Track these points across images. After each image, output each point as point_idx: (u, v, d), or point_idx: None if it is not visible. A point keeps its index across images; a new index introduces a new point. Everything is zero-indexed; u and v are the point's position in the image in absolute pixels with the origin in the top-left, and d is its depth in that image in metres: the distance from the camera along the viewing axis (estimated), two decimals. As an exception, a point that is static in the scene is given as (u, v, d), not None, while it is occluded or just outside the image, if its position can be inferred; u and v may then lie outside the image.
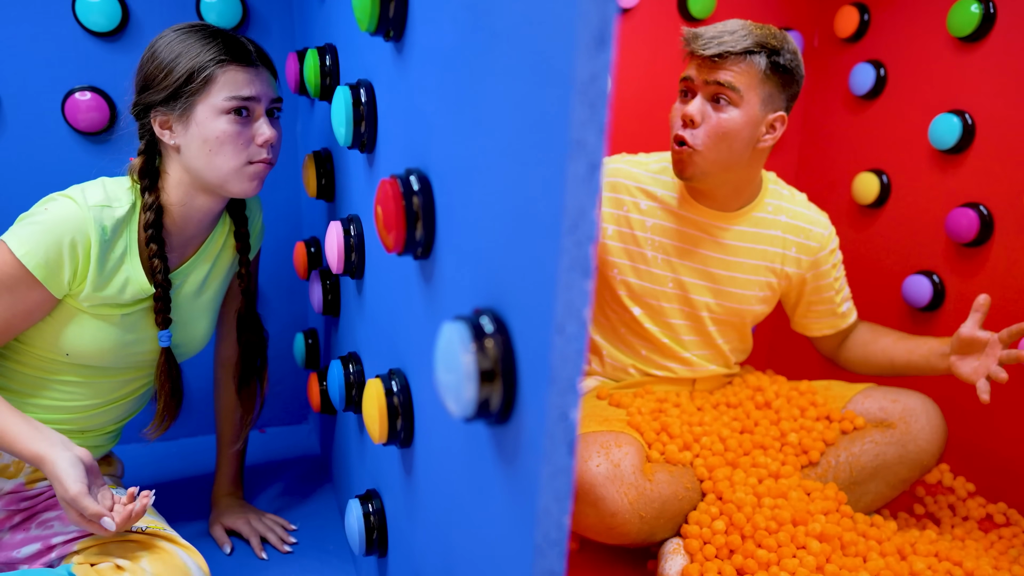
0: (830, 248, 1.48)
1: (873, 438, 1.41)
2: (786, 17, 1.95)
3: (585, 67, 0.47)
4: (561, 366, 0.52)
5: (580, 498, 1.23)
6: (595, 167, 0.49)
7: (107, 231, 1.09)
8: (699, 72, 1.29)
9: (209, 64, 1.08)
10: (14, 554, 1.14)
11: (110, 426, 1.26)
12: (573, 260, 0.50)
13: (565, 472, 0.55)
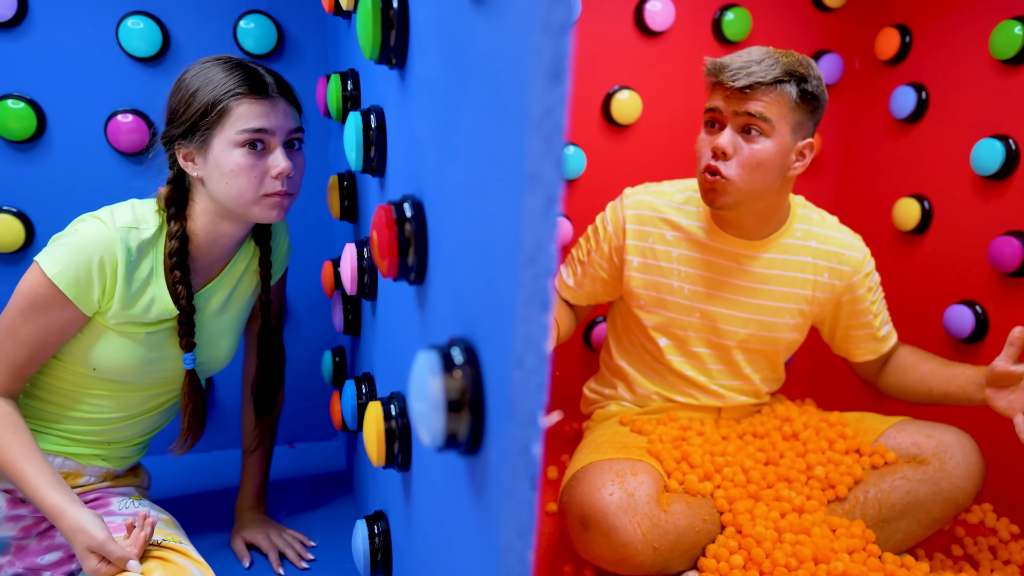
0: (865, 271, 1.44)
1: (904, 474, 1.36)
2: (824, 39, 1.91)
3: (540, 101, 0.47)
4: (521, 400, 0.52)
5: (592, 527, 1.21)
6: (552, 200, 0.49)
7: (133, 252, 1.13)
8: (727, 103, 1.27)
9: (224, 97, 1.11)
10: (38, 560, 1.18)
11: (137, 438, 1.30)
12: (531, 294, 0.50)
13: (527, 507, 0.54)
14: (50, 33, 1.51)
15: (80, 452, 1.23)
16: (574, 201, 1.85)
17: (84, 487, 1.25)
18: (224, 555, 1.39)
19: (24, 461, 1.09)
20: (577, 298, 1.54)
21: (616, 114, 1.81)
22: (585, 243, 1.52)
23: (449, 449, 0.60)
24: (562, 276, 1.55)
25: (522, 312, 0.50)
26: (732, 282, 1.42)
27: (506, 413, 0.52)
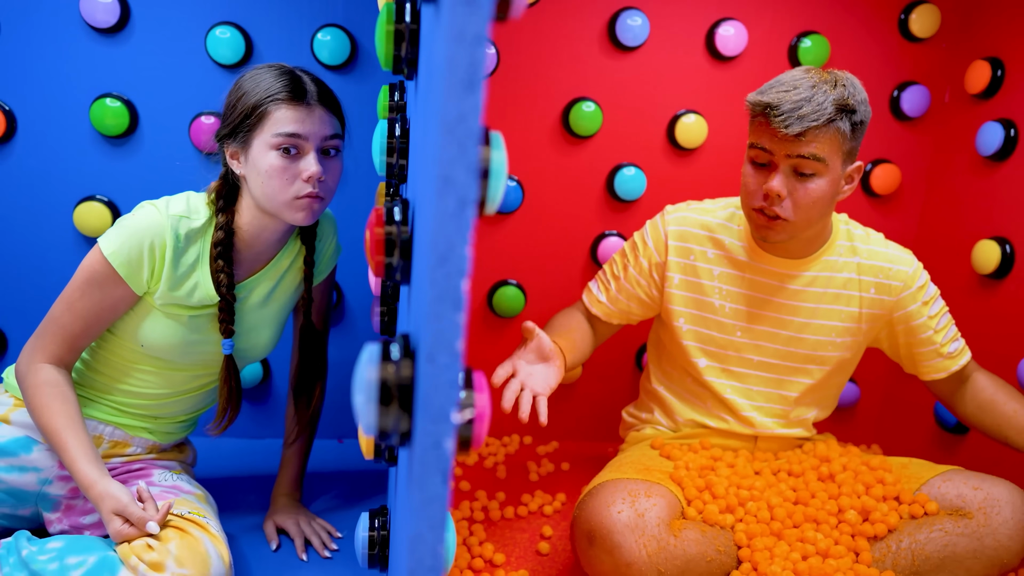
0: (917, 285, 1.39)
1: (944, 526, 1.27)
2: (911, 70, 1.83)
3: (454, 108, 0.49)
4: (433, 395, 0.54)
5: (597, 543, 1.20)
6: (465, 203, 0.50)
7: (181, 239, 1.22)
8: (779, 146, 1.24)
9: (265, 101, 1.19)
10: (81, 520, 1.28)
11: (181, 416, 1.39)
12: (443, 292, 0.52)
13: (439, 500, 0.56)
14: (146, 39, 1.65)
15: (128, 423, 1.33)
16: (632, 221, 1.84)
17: (131, 456, 1.35)
18: (256, 536, 1.46)
19: (67, 432, 1.19)
20: (609, 315, 1.52)
21: (680, 137, 1.79)
22: (621, 259, 1.51)
23: (385, 440, 0.62)
24: (592, 292, 1.54)
25: (434, 309, 0.52)
26: (774, 300, 1.40)
27: (419, 408, 0.54)
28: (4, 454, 1.25)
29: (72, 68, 1.64)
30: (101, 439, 1.32)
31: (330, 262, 1.47)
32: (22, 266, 1.71)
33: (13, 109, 1.65)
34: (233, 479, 1.66)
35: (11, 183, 1.67)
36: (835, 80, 1.24)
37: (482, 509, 1.60)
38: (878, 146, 1.86)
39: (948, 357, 1.43)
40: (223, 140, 1.24)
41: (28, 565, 1.12)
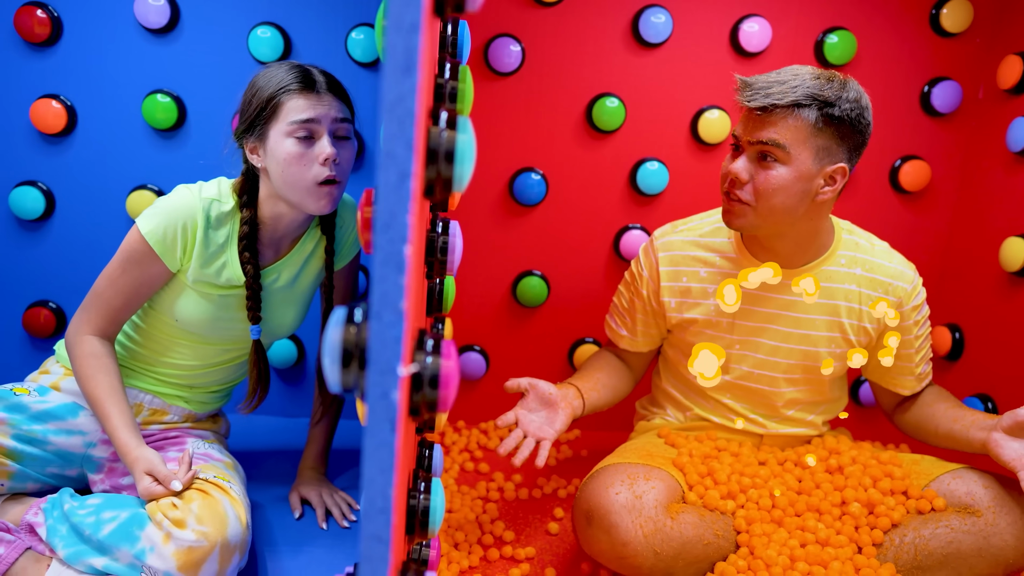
0: (913, 304, 1.38)
1: (950, 523, 1.27)
2: (941, 66, 1.81)
3: (393, 90, 0.55)
4: (380, 350, 0.60)
5: (595, 523, 1.24)
6: (404, 176, 0.56)
7: (212, 220, 1.32)
8: (745, 130, 1.26)
9: (278, 93, 1.27)
10: (120, 480, 1.39)
11: (214, 387, 1.49)
12: (387, 256, 0.58)
13: (387, 446, 0.62)
14: (194, 39, 1.76)
15: (166, 392, 1.44)
16: (655, 215, 1.87)
17: (168, 424, 1.45)
18: (282, 505, 1.55)
19: (109, 402, 1.29)
20: (637, 345, 1.54)
21: (703, 133, 1.81)
22: (626, 291, 1.53)
23: (349, 395, 0.68)
24: (613, 328, 1.56)
25: (379, 272, 0.58)
26: (769, 312, 1.40)
27: (368, 362, 0.60)
28: (53, 418, 1.36)
29: (126, 66, 1.76)
30: (141, 407, 1.43)
31: (353, 247, 1.54)
32: (79, 250, 1.84)
33: (74, 104, 1.78)
34: (264, 453, 1.76)
35: (71, 173, 1.81)
36: (829, 76, 1.24)
37: (498, 490, 1.66)
38: (908, 142, 1.85)
39: (918, 377, 1.45)
40: (242, 137, 1.33)
41: (69, 518, 1.23)
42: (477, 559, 1.41)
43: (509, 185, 1.85)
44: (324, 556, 1.40)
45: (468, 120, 0.73)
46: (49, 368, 1.45)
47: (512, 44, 1.77)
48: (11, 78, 1.75)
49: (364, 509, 0.63)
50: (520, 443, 1.28)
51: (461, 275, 1.87)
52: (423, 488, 0.92)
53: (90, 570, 1.19)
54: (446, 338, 0.75)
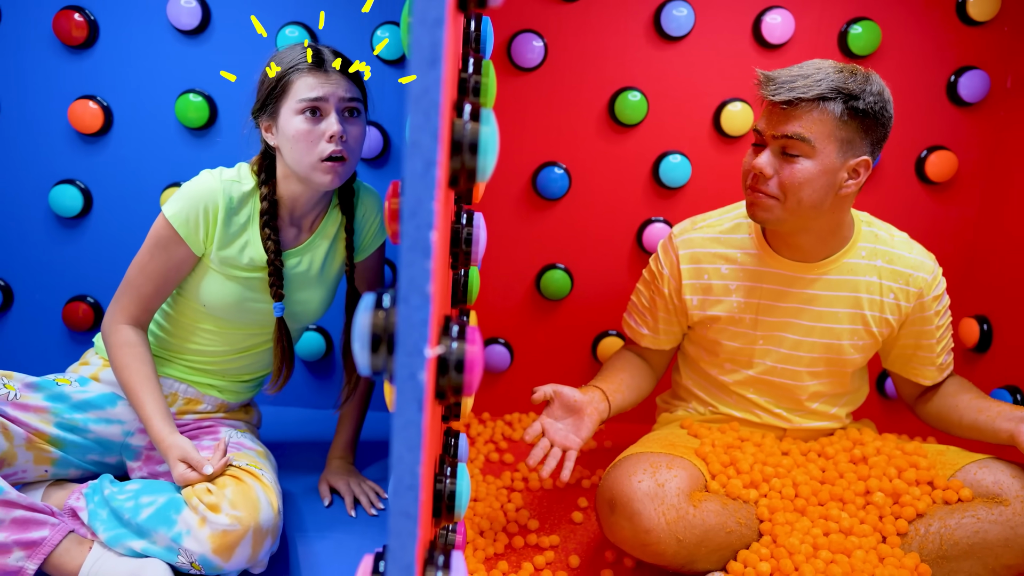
0: (934, 294, 1.38)
1: (976, 513, 1.27)
2: (967, 55, 1.80)
3: (418, 82, 0.57)
4: (407, 332, 0.62)
5: (618, 510, 1.26)
6: (430, 164, 0.59)
7: (233, 200, 1.37)
8: (769, 124, 1.26)
9: (288, 72, 1.32)
10: (157, 468, 1.44)
11: (246, 375, 1.53)
12: (413, 242, 0.60)
13: (414, 425, 0.64)
14: (224, 40, 1.80)
15: (200, 381, 1.48)
16: (678, 209, 1.88)
17: (201, 413, 1.50)
18: (311, 494, 1.58)
19: (143, 391, 1.34)
20: (659, 343, 1.54)
21: (726, 125, 1.82)
22: (646, 289, 1.53)
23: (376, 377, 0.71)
24: (632, 326, 1.56)
25: (406, 257, 0.61)
26: (792, 307, 1.40)
27: (396, 344, 0.63)
28: (93, 407, 1.41)
29: (159, 67, 1.81)
30: (176, 396, 1.48)
31: (377, 238, 1.57)
32: (116, 245, 1.89)
33: (110, 105, 1.83)
34: (294, 444, 1.80)
35: (108, 171, 1.86)
36: (852, 70, 1.24)
37: (522, 480, 1.68)
38: (934, 132, 1.84)
39: (939, 368, 1.45)
40: (257, 116, 1.38)
41: (109, 503, 1.27)
42: (502, 546, 1.43)
43: (532, 179, 1.88)
44: (352, 542, 1.43)
45: (491, 112, 0.75)
46: (89, 359, 1.50)
47: (535, 40, 1.79)
48: (50, 80, 1.81)
49: (393, 486, 0.66)
50: (547, 454, 1.30)
51: (485, 269, 1.89)
52: (449, 473, 0.95)
53: (129, 552, 1.24)
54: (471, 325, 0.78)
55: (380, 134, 1.84)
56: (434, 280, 0.61)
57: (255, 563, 1.25)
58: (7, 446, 1.29)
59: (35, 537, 1.21)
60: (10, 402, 1.32)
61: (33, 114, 1.83)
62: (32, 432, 1.33)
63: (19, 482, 1.34)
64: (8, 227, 1.89)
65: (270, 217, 1.39)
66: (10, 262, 1.91)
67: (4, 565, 1.18)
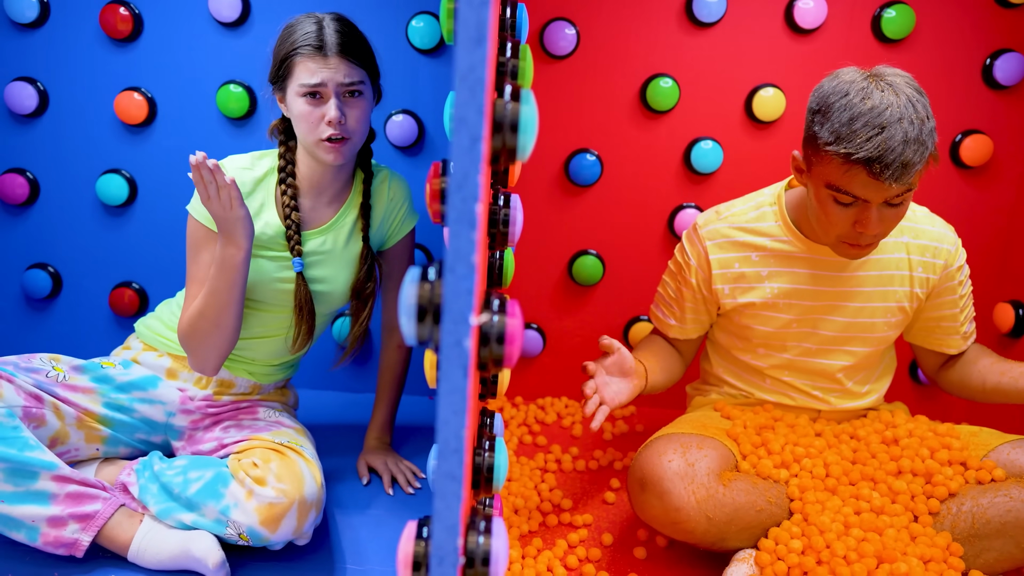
0: (956, 265, 1.40)
1: (1009, 492, 1.27)
2: (1005, 37, 1.78)
3: (465, 59, 0.60)
4: (453, 301, 0.65)
5: (648, 489, 1.28)
6: (476, 139, 0.61)
7: (246, 184, 1.42)
8: (877, 194, 1.21)
9: (291, 55, 1.36)
10: (201, 447, 1.48)
11: (276, 360, 1.55)
12: (460, 214, 0.63)
13: (460, 391, 0.67)
14: (264, 31, 1.85)
15: (231, 366, 1.52)
16: (710, 194, 1.89)
17: (237, 395, 1.54)
18: (349, 474, 1.63)
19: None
20: (687, 333, 1.54)
21: (758, 111, 1.83)
22: (673, 281, 1.53)
23: (423, 347, 0.74)
24: (660, 318, 1.57)
25: (454, 228, 0.64)
26: (827, 290, 1.41)
27: (443, 312, 0.66)
28: (136, 388, 1.46)
29: (201, 59, 1.86)
30: (211, 378, 1.51)
31: (404, 224, 1.59)
32: (160, 233, 1.95)
33: (154, 96, 1.89)
34: (332, 427, 1.84)
35: (152, 160, 1.92)
36: (908, 98, 1.19)
37: (555, 461, 1.71)
38: (969, 116, 1.83)
39: (963, 336, 1.47)
40: (273, 86, 1.42)
41: (159, 478, 1.32)
42: (536, 524, 1.47)
43: (565, 166, 1.90)
44: (390, 519, 1.47)
45: (531, 92, 0.78)
46: (131, 344, 1.55)
47: (567, 27, 1.81)
48: (97, 72, 1.87)
49: (439, 449, 0.69)
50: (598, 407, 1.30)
51: (518, 255, 1.92)
52: (488, 447, 0.98)
53: (179, 525, 1.29)
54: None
55: (415, 122, 1.87)
56: (479, 251, 0.64)
57: (300, 535, 1.29)
58: (59, 425, 1.35)
59: (88, 510, 1.26)
60: (60, 383, 1.37)
61: (81, 106, 1.89)
62: (82, 411, 1.38)
63: (72, 460, 1.40)
64: (57, 216, 1.95)
65: (287, 174, 1.44)
66: (59, 249, 1.98)
67: (60, 537, 1.24)
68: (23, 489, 1.22)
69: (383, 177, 1.56)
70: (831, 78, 1.27)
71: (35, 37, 1.87)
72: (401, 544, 0.75)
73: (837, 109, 1.21)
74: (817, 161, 1.26)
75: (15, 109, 1.88)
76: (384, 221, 1.57)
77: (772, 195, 1.45)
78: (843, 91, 1.22)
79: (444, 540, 0.69)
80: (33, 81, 1.87)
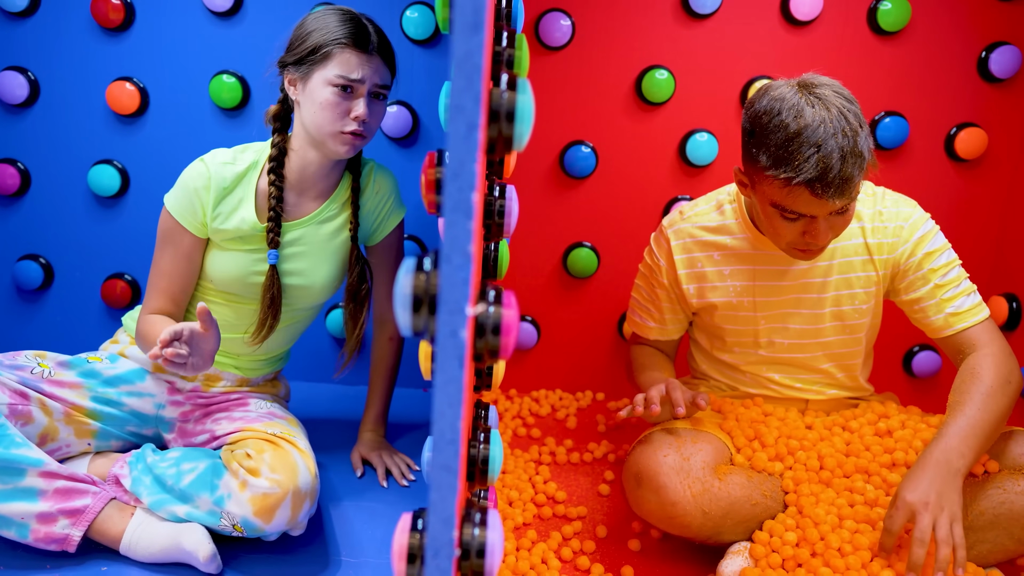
0: (914, 239, 1.35)
1: (1002, 484, 1.28)
2: (1000, 30, 1.78)
3: (462, 46, 0.59)
4: (449, 291, 0.65)
5: (644, 484, 1.28)
6: (472, 127, 0.61)
7: (226, 180, 1.41)
8: (822, 209, 1.21)
9: (331, 44, 1.34)
10: (193, 439, 1.48)
11: (260, 354, 1.54)
12: (456, 203, 0.62)
13: (456, 381, 0.67)
14: (256, 21, 1.83)
15: (216, 361, 1.51)
16: (704, 186, 1.89)
17: (224, 388, 1.52)
18: (343, 467, 1.62)
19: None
20: (668, 333, 1.56)
21: (754, 103, 1.82)
22: (645, 284, 1.54)
23: (419, 337, 0.73)
24: (639, 322, 1.58)
25: (450, 217, 0.63)
26: (789, 283, 1.42)
27: (438, 302, 0.65)
28: (124, 381, 1.45)
29: (194, 49, 1.85)
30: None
31: (392, 217, 1.58)
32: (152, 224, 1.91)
33: (146, 86, 1.87)
34: (326, 419, 1.84)
35: (144, 151, 1.90)
36: (839, 110, 1.18)
37: (550, 453, 1.71)
38: (964, 109, 1.83)
39: (953, 314, 1.35)
40: (285, 67, 1.40)
41: (152, 470, 1.32)
42: (531, 516, 1.46)
43: (559, 158, 1.89)
44: (385, 510, 1.47)
45: (527, 81, 0.77)
46: (118, 338, 1.54)
47: (562, 19, 1.80)
48: (88, 62, 1.86)
49: (434, 441, 0.69)
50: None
51: (513, 247, 1.92)
52: (483, 439, 0.97)
53: (172, 517, 1.28)
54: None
55: (409, 113, 1.86)
56: (475, 240, 0.64)
57: (294, 525, 1.29)
58: (47, 421, 1.34)
59: (78, 505, 1.26)
60: (45, 379, 1.37)
61: (72, 96, 1.88)
62: (69, 406, 1.37)
63: (64, 456, 1.39)
64: (49, 206, 1.94)
65: (278, 164, 1.42)
66: (50, 240, 1.96)
67: (51, 533, 1.24)
68: (11, 486, 1.22)
69: (368, 170, 1.55)
70: (760, 95, 1.26)
71: (26, 26, 1.85)
72: (396, 536, 0.75)
73: (772, 130, 1.20)
74: (759, 181, 1.26)
75: (6, 99, 1.86)
76: (371, 215, 1.56)
77: (731, 193, 1.46)
78: (776, 110, 1.20)
79: (439, 532, 0.68)
80: (24, 71, 1.86)
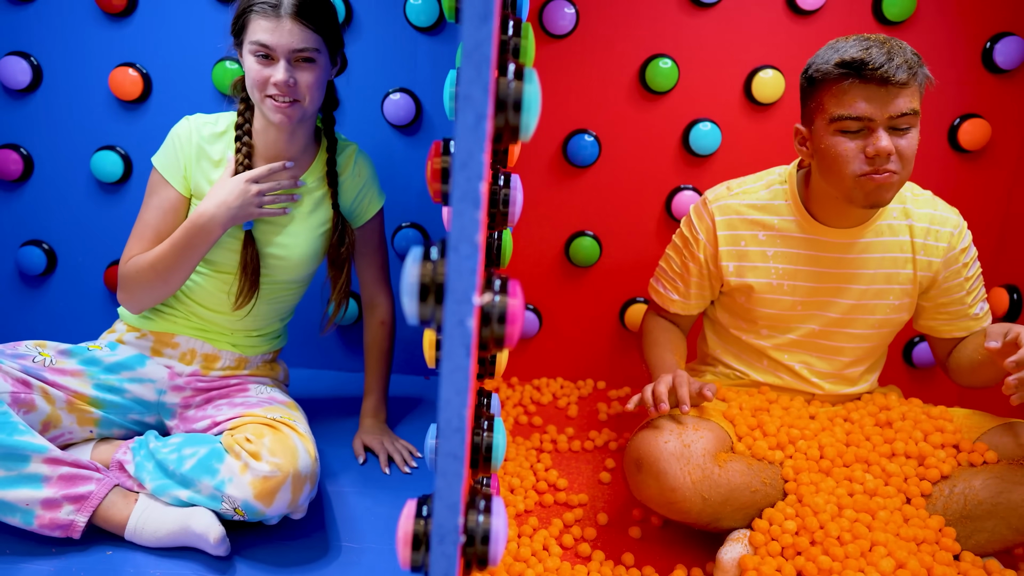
0: (961, 246, 1.40)
1: (1000, 474, 1.29)
2: (1005, 21, 1.78)
3: (472, 37, 0.60)
4: (457, 280, 0.65)
5: (644, 469, 1.29)
6: (481, 118, 0.61)
7: (205, 138, 1.45)
8: (878, 110, 1.24)
9: (245, 12, 1.36)
10: (194, 426, 1.48)
11: (253, 330, 1.55)
12: (464, 193, 0.63)
13: (462, 369, 0.67)
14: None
15: (212, 338, 1.52)
16: (707, 176, 1.89)
17: (225, 370, 1.53)
18: (345, 453, 1.63)
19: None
20: (689, 309, 1.55)
21: (757, 93, 1.82)
22: (678, 255, 1.53)
23: (425, 327, 0.74)
24: (662, 293, 1.57)
25: (457, 207, 0.63)
26: (832, 271, 1.42)
27: (446, 291, 0.66)
28: (125, 368, 1.46)
29: (196, 35, 1.84)
30: (195, 353, 1.51)
31: (372, 204, 1.59)
32: (154, 211, 1.94)
33: (149, 72, 1.87)
34: (327, 405, 1.84)
35: (147, 136, 1.90)
36: (881, 36, 1.27)
37: (551, 441, 1.72)
38: (968, 100, 1.83)
39: (973, 319, 1.46)
40: (233, 39, 1.42)
41: (154, 455, 1.33)
42: (532, 503, 1.47)
43: (563, 146, 1.89)
44: (387, 497, 1.48)
45: (534, 71, 0.77)
46: (116, 327, 1.54)
47: (567, 7, 1.80)
48: (91, 48, 1.85)
49: (441, 428, 0.69)
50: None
51: (515, 235, 1.92)
52: (486, 426, 0.98)
53: (175, 502, 1.29)
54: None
55: (412, 101, 1.86)
56: (482, 230, 0.64)
57: (295, 508, 1.30)
58: (50, 409, 1.34)
59: (82, 491, 1.27)
60: (47, 368, 1.37)
61: (75, 81, 1.87)
62: (72, 394, 1.38)
63: (67, 443, 1.40)
64: (51, 193, 1.94)
65: (244, 132, 1.45)
66: (53, 226, 1.96)
67: (56, 519, 1.24)
68: (15, 473, 1.22)
69: (351, 152, 1.56)
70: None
71: (29, 11, 1.84)
72: (401, 522, 0.75)
73: (821, 56, 1.31)
74: (816, 107, 1.31)
75: (8, 84, 1.86)
76: (351, 195, 1.57)
77: (783, 173, 1.45)
78: (829, 44, 1.32)
79: (445, 518, 0.69)
80: (27, 56, 1.85)
